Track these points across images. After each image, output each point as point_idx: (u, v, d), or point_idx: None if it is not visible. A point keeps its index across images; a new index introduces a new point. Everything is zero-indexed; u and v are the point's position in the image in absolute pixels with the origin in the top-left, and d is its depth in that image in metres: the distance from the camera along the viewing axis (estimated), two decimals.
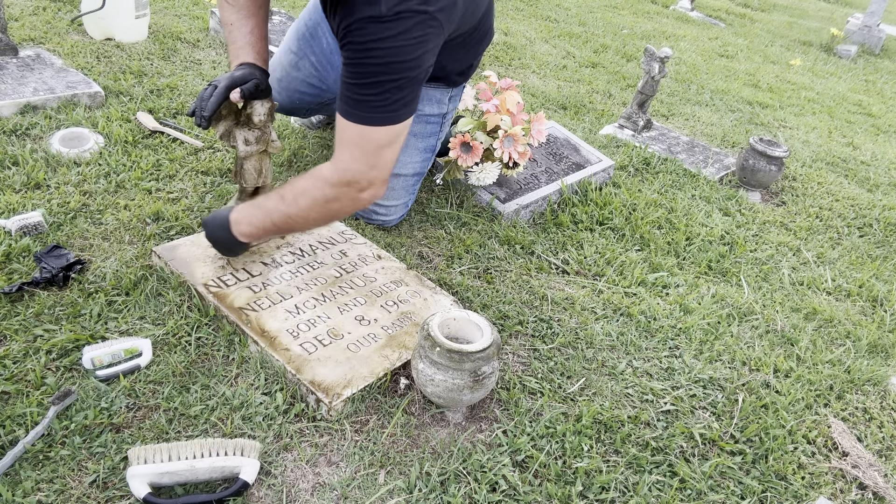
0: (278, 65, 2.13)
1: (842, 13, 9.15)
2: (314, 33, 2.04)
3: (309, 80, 2.09)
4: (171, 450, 1.20)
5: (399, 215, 2.07)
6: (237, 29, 1.63)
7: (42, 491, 1.17)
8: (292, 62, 2.09)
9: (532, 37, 4.62)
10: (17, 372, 1.37)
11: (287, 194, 1.54)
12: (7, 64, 2.51)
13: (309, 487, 1.26)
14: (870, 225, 2.79)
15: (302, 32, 2.07)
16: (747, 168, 2.82)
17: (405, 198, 2.06)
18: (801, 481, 1.48)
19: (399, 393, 1.48)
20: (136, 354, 1.44)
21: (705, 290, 2.08)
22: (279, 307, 1.59)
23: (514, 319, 1.78)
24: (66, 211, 1.85)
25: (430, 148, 2.04)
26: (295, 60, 2.09)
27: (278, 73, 2.11)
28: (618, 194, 2.50)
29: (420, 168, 2.04)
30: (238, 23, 1.63)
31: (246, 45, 1.63)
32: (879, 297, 2.25)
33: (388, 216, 2.05)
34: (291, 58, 2.09)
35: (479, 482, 1.31)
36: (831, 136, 3.90)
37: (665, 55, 3.02)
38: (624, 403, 1.58)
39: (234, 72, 1.58)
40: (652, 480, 1.40)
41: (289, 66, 2.10)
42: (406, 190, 2.04)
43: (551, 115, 3.30)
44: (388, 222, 2.07)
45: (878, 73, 6.03)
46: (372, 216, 2.04)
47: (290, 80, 2.11)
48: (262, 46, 1.66)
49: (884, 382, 1.84)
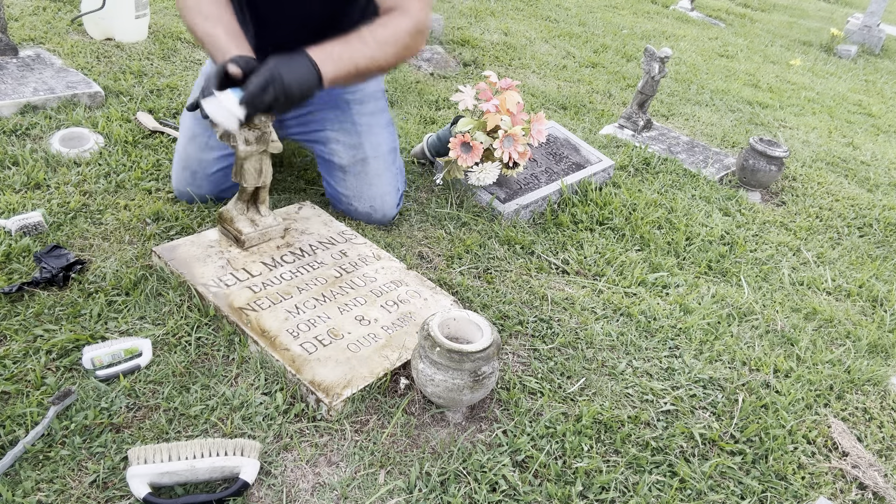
0: (185, 161, 1.95)
1: (842, 13, 9.15)
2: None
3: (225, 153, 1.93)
4: (171, 450, 1.20)
5: (394, 203, 2.05)
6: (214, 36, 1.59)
7: (42, 491, 1.17)
8: (200, 146, 1.93)
9: (532, 37, 4.62)
10: (17, 372, 1.37)
11: (369, 40, 1.60)
12: (7, 64, 2.51)
13: (309, 487, 1.26)
14: (870, 225, 2.79)
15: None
16: (747, 168, 2.82)
17: (392, 181, 2.03)
18: (801, 481, 1.48)
19: (399, 393, 1.48)
20: (136, 354, 1.44)
21: (705, 290, 2.08)
22: (279, 307, 1.59)
23: (514, 319, 1.78)
24: (66, 211, 1.85)
25: (389, 121, 2.06)
26: (203, 141, 1.92)
27: (192, 167, 1.94)
28: (618, 194, 2.50)
29: (392, 143, 2.05)
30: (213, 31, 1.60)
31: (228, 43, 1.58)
32: (879, 297, 2.25)
33: (384, 207, 2.02)
34: (197, 142, 1.93)
35: (479, 482, 1.31)
36: (831, 136, 3.90)
37: (665, 55, 3.02)
38: (624, 403, 1.58)
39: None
40: (652, 480, 1.40)
41: (198, 151, 1.93)
42: (389, 171, 2.02)
43: (551, 115, 3.30)
44: (388, 216, 2.05)
45: (878, 73, 6.03)
46: (372, 215, 2.03)
47: (207, 164, 1.93)
48: (245, 41, 1.62)
49: (884, 382, 1.84)
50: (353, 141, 1.96)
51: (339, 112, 1.96)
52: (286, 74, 1.46)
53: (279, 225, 1.83)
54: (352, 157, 1.97)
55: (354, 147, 1.97)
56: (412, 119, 2.90)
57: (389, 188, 2.02)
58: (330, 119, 1.96)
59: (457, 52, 3.94)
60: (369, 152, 1.97)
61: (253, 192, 1.77)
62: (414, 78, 3.40)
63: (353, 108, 1.96)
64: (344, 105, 1.96)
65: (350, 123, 1.95)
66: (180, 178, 1.96)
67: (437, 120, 2.94)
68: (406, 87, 3.24)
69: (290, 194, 2.15)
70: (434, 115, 2.99)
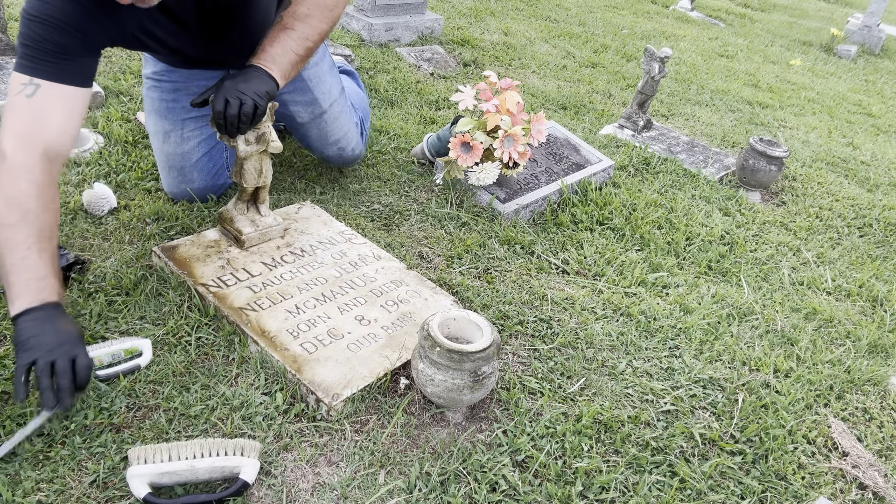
0: (168, 161, 1.94)
1: (842, 13, 9.15)
2: (175, 97, 1.90)
3: (203, 138, 1.95)
4: (171, 450, 1.20)
5: (357, 136, 2.20)
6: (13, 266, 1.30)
7: (42, 491, 1.17)
8: (176, 141, 1.91)
9: (532, 37, 4.62)
10: None
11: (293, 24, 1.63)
12: (7, 64, 2.51)
13: (309, 487, 1.26)
14: (870, 225, 2.79)
15: (162, 108, 1.91)
16: (747, 168, 2.82)
17: (350, 118, 2.16)
18: (801, 481, 1.48)
19: (399, 393, 1.48)
20: (136, 354, 1.44)
21: (705, 290, 2.08)
22: (279, 307, 1.59)
23: (514, 319, 1.78)
24: (66, 211, 1.85)
25: (331, 64, 2.11)
26: (178, 135, 1.91)
27: (176, 164, 1.92)
28: (618, 194, 2.50)
29: (339, 83, 2.12)
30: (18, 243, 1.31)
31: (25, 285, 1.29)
32: (879, 297, 2.25)
33: (350, 144, 2.17)
34: (172, 138, 1.91)
35: (479, 482, 1.31)
36: (831, 136, 3.90)
37: (665, 55, 3.02)
38: (624, 403, 1.58)
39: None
40: (652, 480, 1.40)
41: (176, 147, 1.92)
42: (344, 112, 2.13)
43: (551, 115, 3.30)
44: (356, 150, 2.20)
45: (878, 73, 6.03)
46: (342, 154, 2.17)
47: (188, 155, 1.93)
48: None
49: (884, 382, 1.84)
50: (306, 98, 2.03)
51: None
52: (240, 83, 1.53)
53: (279, 225, 1.83)
54: (310, 114, 2.06)
55: (310, 104, 2.04)
56: (412, 119, 2.90)
57: (349, 126, 2.16)
58: None
59: (457, 52, 3.94)
60: (324, 104, 2.06)
61: (253, 192, 1.77)
62: (414, 78, 3.40)
63: None
64: None
65: (300, 81, 2.00)
66: (170, 180, 1.97)
67: (437, 120, 2.94)
68: (406, 87, 3.24)
69: (290, 194, 2.15)
70: (434, 115, 2.99)
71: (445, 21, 4.41)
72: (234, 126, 1.53)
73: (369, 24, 3.74)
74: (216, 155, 2.02)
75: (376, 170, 2.39)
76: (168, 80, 1.90)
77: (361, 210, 2.14)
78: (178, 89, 1.90)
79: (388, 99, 3.08)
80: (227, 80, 1.54)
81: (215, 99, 1.53)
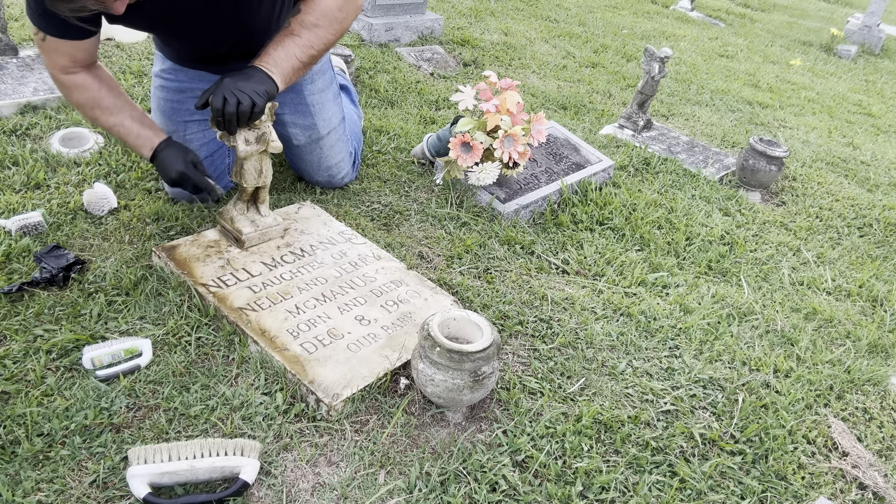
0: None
1: (842, 13, 9.15)
2: (180, 98, 1.92)
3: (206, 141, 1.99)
4: (171, 450, 1.20)
5: (349, 167, 2.22)
6: (125, 127, 1.73)
7: (42, 491, 1.17)
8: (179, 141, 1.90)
9: (532, 37, 4.62)
10: (17, 372, 1.37)
11: (300, 31, 1.67)
12: (7, 64, 2.51)
13: (309, 487, 1.26)
14: (870, 225, 2.79)
15: (167, 108, 1.94)
16: (747, 168, 2.82)
17: (345, 148, 2.17)
18: (801, 481, 1.48)
19: (399, 393, 1.48)
20: (136, 354, 1.44)
21: (705, 290, 2.08)
22: (279, 307, 1.59)
23: (514, 319, 1.78)
24: (66, 211, 1.85)
25: (336, 92, 2.13)
26: (180, 137, 1.94)
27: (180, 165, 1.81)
28: (618, 194, 2.50)
29: (341, 112, 2.15)
30: (121, 122, 1.72)
31: (141, 129, 1.73)
32: (879, 297, 2.25)
33: (340, 173, 2.18)
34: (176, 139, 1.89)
35: (479, 482, 1.31)
36: (831, 136, 3.90)
37: (665, 55, 3.02)
38: (624, 403, 1.58)
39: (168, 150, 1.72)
40: (652, 480, 1.40)
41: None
42: (341, 141, 2.15)
43: (551, 115, 3.30)
44: (345, 179, 2.22)
45: (878, 73, 6.03)
46: (331, 181, 2.18)
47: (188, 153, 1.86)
48: (150, 121, 1.77)
49: (884, 382, 1.84)
50: (307, 122, 2.05)
51: (293, 94, 2.01)
52: (239, 81, 1.56)
53: (279, 225, 1.83)
54: (307, 138, 2.07)
55: (309, 128, 2.06)
56: (412, 119, 2.90)
57: (343, 155, 2.17)
58: (286, 102, 2.02)
59: (457, 52, 3.94)
60: (322, 130, 2.08)
61: (253, 192, 1.77)
62: (414, 78, 3.40)
63: (305, 87, 2.02)
64: (297, 86, 2.00)
65: (303, 105, 2.02)
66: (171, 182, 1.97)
67: (437, 120, 2.94)
68: (406, 87, 3.24)
69: (290, 194, 2.15)
70: (434, 115, 2.99)
71: (445, 21, 4.41)
72: (231, 122, 1.55)
73: (369, 24, 3.74)
74: (218, 159, 2.03)
75: (376, 170, 2.39)
76: (175, 80, 1.92)
77: (361, 210, 2.15)
78: (183, 90, 1.91)
79: (388, 99, 3.08)
80: (227, 78, 1.56)
81: (214, 95, 1.54)
